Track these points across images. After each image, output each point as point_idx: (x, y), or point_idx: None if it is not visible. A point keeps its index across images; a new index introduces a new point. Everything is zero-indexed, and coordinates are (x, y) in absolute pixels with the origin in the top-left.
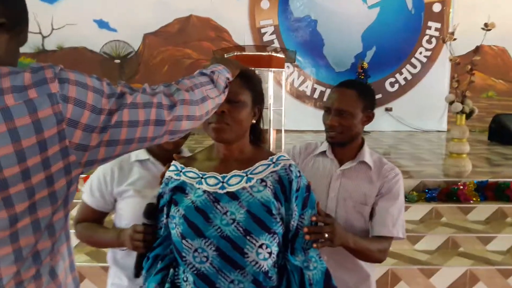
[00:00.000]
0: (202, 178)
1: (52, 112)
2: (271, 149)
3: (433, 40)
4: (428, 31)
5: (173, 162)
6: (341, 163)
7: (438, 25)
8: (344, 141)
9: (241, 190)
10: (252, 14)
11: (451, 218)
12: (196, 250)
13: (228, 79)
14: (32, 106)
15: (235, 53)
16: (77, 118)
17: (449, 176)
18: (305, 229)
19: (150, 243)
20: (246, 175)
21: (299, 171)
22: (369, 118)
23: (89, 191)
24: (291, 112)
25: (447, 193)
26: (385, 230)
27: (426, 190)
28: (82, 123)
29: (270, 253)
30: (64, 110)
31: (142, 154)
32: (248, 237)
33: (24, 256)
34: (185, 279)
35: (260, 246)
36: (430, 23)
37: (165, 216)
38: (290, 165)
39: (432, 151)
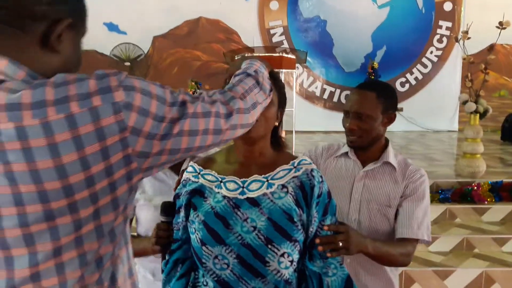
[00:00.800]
0: (221, 182)
1: (114, 121)
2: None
3: (444, 39)
4: (439, 30)
5: (191, 163)
6: (364, 164)
7: (449, 24)
8: (364, 144)
9: (261, 196)
10: (261, 15)
11: (465, 219)
12: (216, 257)
13: (269, 78)
14: (95, 114)
15: (245, 55)
16: (140, 127)
17: (463, 176)
18: (317, 240)
19: (167, 238)
20: (267, 181)
21: (321, 176)
22: (391, 119)
23: None
24: (301, 113)
25: (461, 193)
26: (410, 232)
27: (440, 191)
28: (145, 131)
29: (291, 262)
30: (127, 118)
31: None
32: (269, 246)
33: (88, 260)
34: (205, 283)
35: (282, 255)
36: (441, 22)
37: (183, 218)
38: (312, 170)
39: (444, 151)
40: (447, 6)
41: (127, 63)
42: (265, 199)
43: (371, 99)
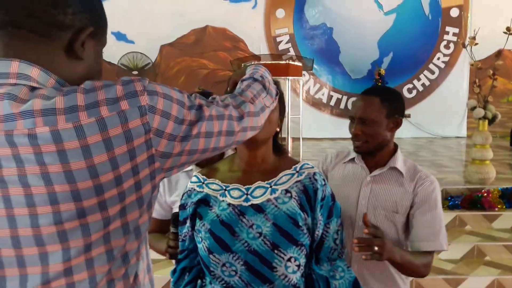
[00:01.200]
0: (225, 190)
1: (140, 123)
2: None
3: (451, 45)
4: (446, 36)
5: (195, 174)
6: (371, 170)
7: (456, 30)
8: (370, 150)
9: (266, 202)
10: (268, 23)
11: (475, 226)
12: (224, 265)
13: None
14: (123, 117)
15: (252, 63)
16: (162, 128)
17: (472, 183)
18: (355, 240)
19: (176, 248)
20: (270, 186)
21: (323, 180)
22: (397, 124)
23: None
24: (308, 120)
25: (471, 200)
26: (427, 245)
27: (449, 198)
28: (167, 132)
29: (298, 266)
30: (151, 121)
31: None
32: (276, 251)
33: (115, 256)
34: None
35: (289, 260)
36: (447, 28)
37: (189, 228)
38: (314, 174)
39: (452, 157)
40: (454, 12)
41: (135, 72)
42: (270, 205)
43: (375, 104)
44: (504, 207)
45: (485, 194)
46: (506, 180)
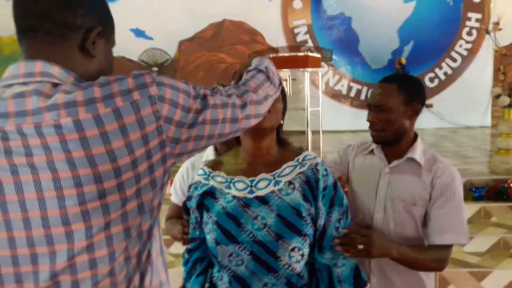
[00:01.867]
0: (230, 182)
1: (151, 111)
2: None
3: (474, 31)
4: (468, 23)
5: (202, 166)
6: (390, 161)
7: (479, 16)
8: (388, 138)
9: (270, 194)
10: (285, 14)
11: (501, 217)
12: (231, 255)
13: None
14: (136, 106)
15: (271, 55)
16: (171, 116)
17: (498, 173)
18: (336, 240)
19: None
20: (274, 178)
21: (325, 169)
22: (416, 111)
23: (174, 191)
24: (327, 113)
25: (496, 191)
26: (443, 239)
27: (474, 189)
28: (175, 119)
29: (302, 255)
30: (161, 109)
31: (211, 155)
32: (280, 241)
33: (132, 234)
34: (220, 277)
35: (292, 250)
36: (470, 14)
37: (197, 218)
38: (316, 164)
39: (477, 147)
40: None
41: (155, 68)
42: (274, 197)
43: (391, 90)
44: None
45: (511, 185)
46: None
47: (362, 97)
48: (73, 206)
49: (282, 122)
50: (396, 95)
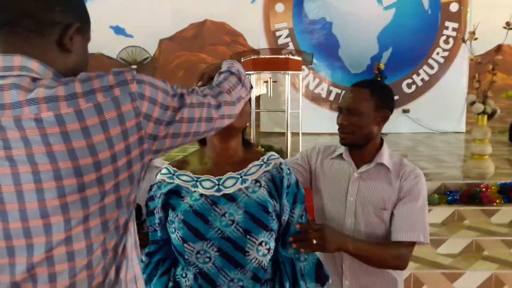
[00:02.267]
0: (197, 181)
1: (131, 108)
2: (288, 153)
3: (451, 40)
4: (445, 31)
5: (165, 165)
6: (358, 165)
7: (456, 25)
8: (355, 142)
9: (237, 192)
10: (267, 17)
11: (474, 221)
12: (198, 252)
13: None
14: (117, 102)
15: (252, 57)
16: (150, 113)
17: (471, 178)
18: (291, 239)
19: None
20: (241, 177)
21: (289, 169)
22: (385, 117)
23: None
24: (307, 115)
25: (470, 195)
26: (404, 235)
27: (448, 193)
28: (154, 117)
29: (268, 249)
30: (141, 106)
31: None
32: (248, 236)
33: (109, 227)
34: (183, 275)
35: (260, 244)
36: (447, 23)
37: (160, 219)
38: (280, 164)
39: (451, 152)
40: (453, 7)
41: (134, 66)
42: (241, 194)
43: (364, 95)
44: (502, 202)
45: (484, 189)
46: (505, 175)
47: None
48: (52, 199)
49: (247, 124)
50: (368, 100)
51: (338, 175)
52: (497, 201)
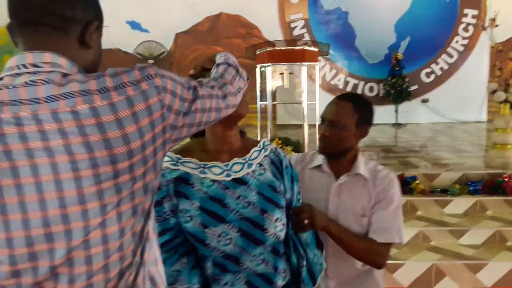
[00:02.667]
0: (204, 168)
1: (157, 100)
2: (305, 145)
3: (470, 27)
4: (464, 19)
5: (168, 153)
6: (337, 176)
7: (475, 12)
8: (334, 152)
9: (246, 176)
10: (282, 8)
11: (497, 211)
12: (219, 235)
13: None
14: (145, 95)
15: (267, 49)
16: (172, 105)
17: (493, 167)
18: (290, 225)
19: None
20: (246, 162)
21: (282, 151)
22: (365, 132)
23: None
24: (324, 107)
25: (492, 185)
26: (380, 237)
27: (469, 183)
28: (175, 108)
29: (283, 224)
30: (164, 98)
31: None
32: (265, 215)
33: (138, 212)
34: (202, 263)
35: (276, 220)
36: (466, 10)
37: (172, 207)
38: (275, 148)
39: (472, 142)
40: None
41: (151, 61)
42: (250, 177)
43: (347, 109)
44: None
45: (507, 178)
46: None
47: (359, 91)
48: (89, 186)
49: None
50: (352, 115)
51: (318, 186)
52: None
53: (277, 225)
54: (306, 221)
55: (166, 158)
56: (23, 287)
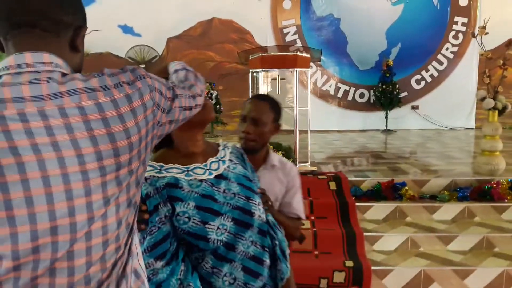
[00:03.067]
0: (188, 171)
1: (150, 98)
2: (296, 150)
3: (460, 35)
4: (454, 26)
5: (150, 163)
6: (255, 169)
7: (465, 20)
8: (256, 148)
9: (225, 171)
10: (274, 14)
11: (484, 217)
12: (218, 228)
13: None
14: (140, 93)
15: (260, 54)
16: (159, 103)
17: (482, 174)
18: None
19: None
20: (219, 160)
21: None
22: (277, 129)
23: None
24: (315, 112)
25: (480, 192)
26: (295, 213)
27: (458, 189)
28: (161, 106)
29: (263, 207)
30: (154, 96)
31: None
32: (250, 201)
33: (132, 203)
34: (199, 261)
35: (258, 204)
36: (456, 18)
37: (168, 212)
38: (234, 145)
39: (461, 149)
40: (463, 2)
41: (142, 65)
42: (228, 172)
43: (266, 107)
44: None
45: (495, 185)
46: None
47: (350, 97)
48: (95, 178)
49: None
50: (270, 113)
51: None
52: (508, 197)
53: (260, 208)
54: (270, 203)
55: (149, 168)
56: (21, 282)
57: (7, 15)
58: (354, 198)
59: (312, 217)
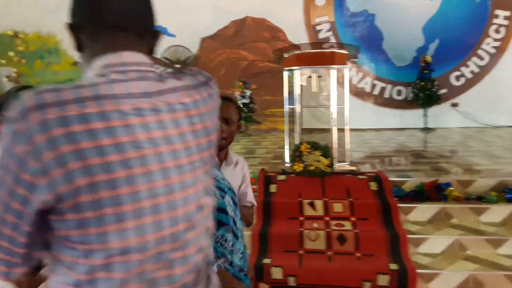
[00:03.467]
0: None
1: (216, 97)
2: (333, 149)
3: (502, 29)
4: (495, 20)
5: None
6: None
7: (507, 13)
8: (226, 146)
9: None
10: (307, 11)
11: None
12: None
13: None
14: (213, 93)
15: (295, 52)
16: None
17: None
18: None
19: None
20: None
21: None
22: (241, 127)
23: None
24: (350, 110)
25: None
26: (250, 201)
27: (506, 190)
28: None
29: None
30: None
31: None
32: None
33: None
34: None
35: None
36: (497, 12)
37: None
38: None
39: (506, 147)
40: None
41: (177, 65)
42: None
43: (233, 107)
44: None
45: None
46: None
47: (386, 95)
48: (198, 169)
49: None
50: (236, 112)
51: None
52: None
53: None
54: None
55: None
56: (144, 276)
57: (102, 16)
58: (396, 199)
59: (353, 218)
